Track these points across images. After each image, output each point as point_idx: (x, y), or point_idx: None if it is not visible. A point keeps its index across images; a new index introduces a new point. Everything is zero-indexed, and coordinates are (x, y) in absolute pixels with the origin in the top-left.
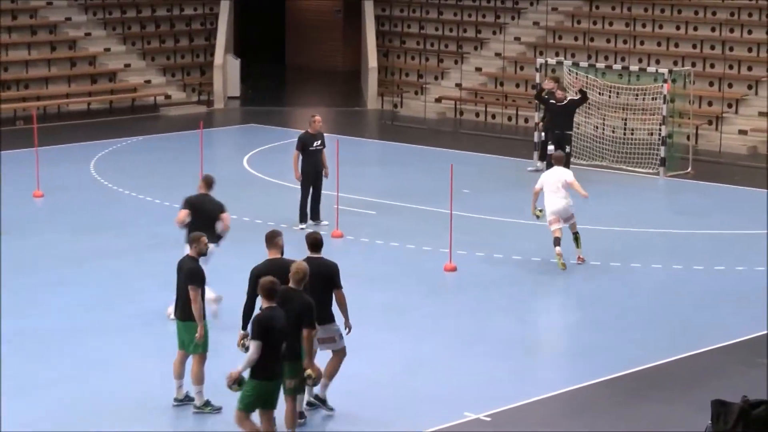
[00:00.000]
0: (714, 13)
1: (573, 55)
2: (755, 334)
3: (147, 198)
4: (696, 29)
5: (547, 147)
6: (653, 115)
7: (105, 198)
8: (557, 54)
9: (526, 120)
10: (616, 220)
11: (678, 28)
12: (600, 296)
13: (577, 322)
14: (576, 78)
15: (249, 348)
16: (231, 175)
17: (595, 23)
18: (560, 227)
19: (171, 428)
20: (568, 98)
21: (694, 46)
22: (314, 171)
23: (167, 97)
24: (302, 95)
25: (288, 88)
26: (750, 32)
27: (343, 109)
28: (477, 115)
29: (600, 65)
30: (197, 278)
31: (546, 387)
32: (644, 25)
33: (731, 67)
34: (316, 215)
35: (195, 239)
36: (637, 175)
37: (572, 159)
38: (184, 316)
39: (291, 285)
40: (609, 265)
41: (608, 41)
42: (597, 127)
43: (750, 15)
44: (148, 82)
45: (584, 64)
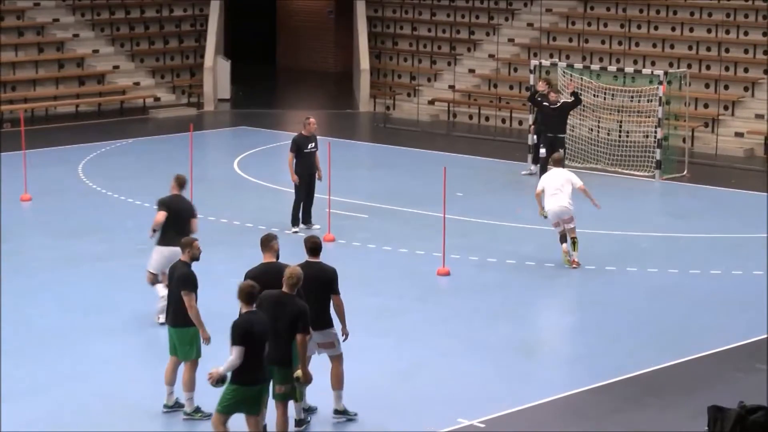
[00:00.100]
0: (710, 15)
1: (567, 57)
2: (752, 339)
3: (136, 201)
4: (692, 30)
5: (539, 150)
6: (649, 118)
7: (93, 201)
8: (551, 55)
9: (520, 122)
10: (611, 224)
11: (674, 30)
12: (595, 301)
13: (572, 327)
14: (570, 80)
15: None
16: (221, 179)
17: (590, 24)
18: (562, 228)
19: None
20: (562, 101)
21: (690, 48)
22: (308, 174)
23: (156, 100)
24: (293, 97)
25: (279, 90)
26: (746, 33)
27: (335, 112)
28: (470, 118)
29: (595, 67)
30: (189, 283)
31: (540, 393)
32: (639, 27)
33: (727, 69)
34: (308, 219)
35: (188, 244)
36: (633, 178)
37: (567, 162)
38: (176, 322)
39: (284, 290)
40: (604, 269)
41: (603, 43)
42: (592, 130)
43: (746, 16)
44: (137, 84)
45: (579, 66)
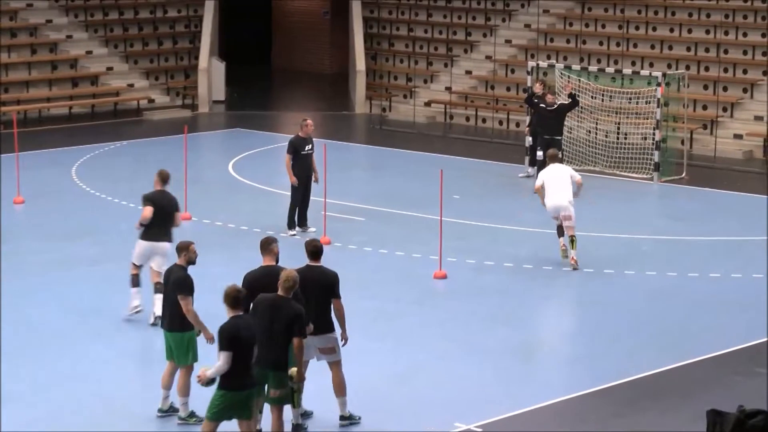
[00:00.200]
0: (708, 16)
1: (565, 58)
2: (751, 343)
3: (130, 204)
4: (690, 32)
5: (536, 152)
6: (647, 119)
7: (87, 204)
8: (549, 57)
9: (518, 124)
10: (610, 227)
11: (672, 31)
12: (593, 304)
13: (570, 331)
14: (568, 81)
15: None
16: (216, 181)
17: (588, 25)
18: (560, 221)
19: None
20: (558, 102)
21: (689, 49)
22: (305, 176)
23: (150, 101)
24: (289, 99)
25: (274, 92)
26: (745, 35)
27: (331, 113)
28: (467, 119)
29: (592, 68)
30: (185, 287)
31: (538, 397)
32: (638, 28)
33: (726, 70)
34: (304, 221)
35: (184, 247)
36: (631, 181)
37: (563, 164)
38: (172, 327)
39: (280, 293)
40: (602, 272)
41: (601, 44)
42: (590, 132)
43: (745, 17)
44: (131, 86)
45: (576, 67)
